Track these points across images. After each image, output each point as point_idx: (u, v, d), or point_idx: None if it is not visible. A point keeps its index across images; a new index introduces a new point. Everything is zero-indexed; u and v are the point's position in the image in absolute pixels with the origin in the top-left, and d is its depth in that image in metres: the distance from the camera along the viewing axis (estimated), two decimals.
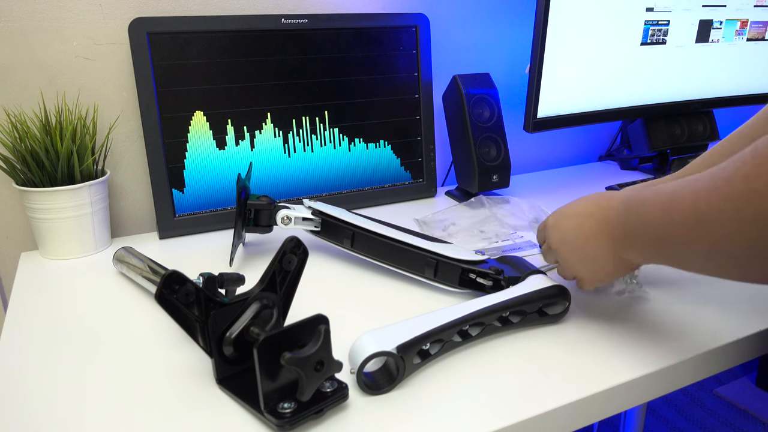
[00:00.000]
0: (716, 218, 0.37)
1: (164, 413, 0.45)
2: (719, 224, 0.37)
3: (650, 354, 0.52)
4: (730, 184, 0.37)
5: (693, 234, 0.40)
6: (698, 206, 0.39)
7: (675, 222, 0.41)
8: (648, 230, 0.45)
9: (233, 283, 0.58)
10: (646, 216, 0.45)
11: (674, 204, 0.42)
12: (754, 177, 0.35)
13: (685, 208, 0.40)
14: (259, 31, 0.85)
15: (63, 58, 0.80)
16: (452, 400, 0.46)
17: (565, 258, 0.56)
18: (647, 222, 0.45)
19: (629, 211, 0.48)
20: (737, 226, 0.36)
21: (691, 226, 0.40)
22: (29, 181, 0.74)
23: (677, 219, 0.41)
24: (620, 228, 0.49)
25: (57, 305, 0.64)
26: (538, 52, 0.93)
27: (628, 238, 0.48)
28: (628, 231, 0.48)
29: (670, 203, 0.42)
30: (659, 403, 1.64)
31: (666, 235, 0.43)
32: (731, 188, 0.36)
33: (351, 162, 0.94)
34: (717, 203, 0.37)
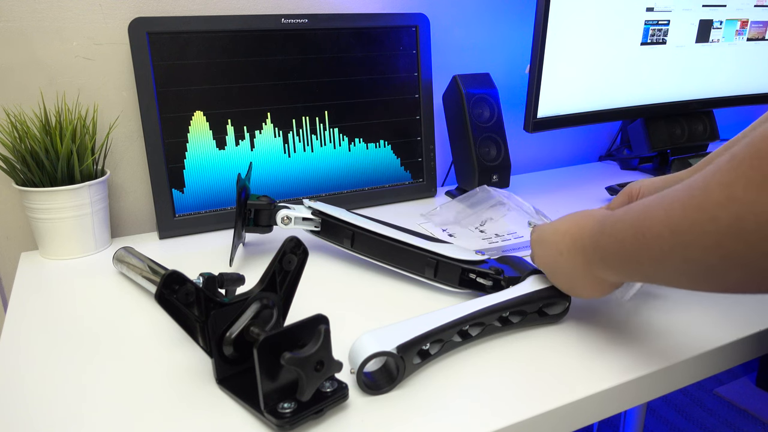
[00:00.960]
0: (690, 230, 0.36)
1: (164, 413, 0.45)
2: (694, 236, 0.36)
3: (650, 354, 0.52)
4: (705, 192, 0.35)
5: (666, 249, 0.39)
6: (671, 220, 0.38)
7: (647, 238, 0.40)
8: (620, 248, 0.44)
9: (233, 283, 0.58)
10: (618, 234, 0.44)
11: (646, 220, 0.41)
12: (730, 183, 0.33)
13: (657, 223, 0.39)
14: (259, 31, 0.85)
15: (63, 58, 0.80)
16: (452, 400, 0.46)
17: (546, 269, 0.56)
18: (619, 240, 0.44)
19: (602, 230, 0.47)
20: (713, 237, 0.35)
21: (665, 241, 0.39)
22: (29, 181, 0.74)
23: (650, 235, 0.40)
24: (592, 247, 0.48)
25: (57, 305, 0.64)
26: (538, 52, 0.93)
27: (600, 258, 0.47)
28: (601, 250, 0.47)
29: (642, 219, 0.41)
30: (659, 403, 1.64)
31: (638, 253, 0.42)
32: (706, 196, 0.35)
33: (351, 162, 0.94)
34: (692, 214, 0.36)
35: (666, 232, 0.38)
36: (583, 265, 0.50)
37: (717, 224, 0.34)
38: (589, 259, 0.49)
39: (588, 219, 0.51)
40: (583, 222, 0.51)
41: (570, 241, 0.51)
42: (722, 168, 0.35)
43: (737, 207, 0.33)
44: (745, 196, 0.33)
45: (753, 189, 0.32)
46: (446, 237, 0.81)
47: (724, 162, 0.35)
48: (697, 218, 0.36)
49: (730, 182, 0.34)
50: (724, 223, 0.34)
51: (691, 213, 0.36)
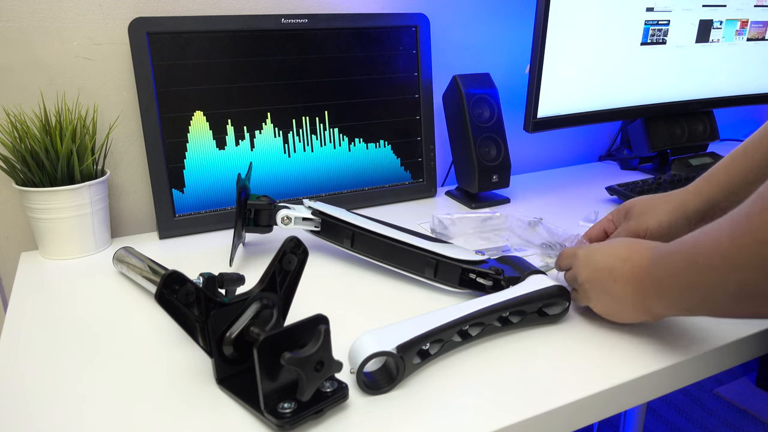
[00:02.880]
0: (742, 256, 0.38)
1: (164, 413, 0.45)
2: (746, 262, 0.38)
3: (650, 354, 0.52)
4: (748, 219, 0.38)
5: (719, 277, 0.40)
6: (721, 246, 0.40)
7: (700, 267, 0.42)
8: (674, 280, 0.45)
9: (233, 283, 0.58)
10: (672, 266, 0.46)
11: (697, 248, 0.42)
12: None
13: (708, 252, 0.41)
14: (259, 31, 0.85)
15: (63, 58, 0.80)
16: (452, 400, 0.46)
17: (589, 291, 0.55)
18: (674, 272, 0.45)
19: (658, 261, 0.48)
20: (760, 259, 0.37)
21: (717, 269, 0.40)
22: (29, 181, 0.74)
23: (702, 264, 0.42)
24: (649, 278, 0.49)
25: (57, 305, 0.64)
26: (538, 52, 0.93)
27: (656, 288, 0.48)
28: (656, 281, 0.48)
29: (693, 248, 0.43)
30: (659, 403, 1.63)
31: (692, 283, 0.43)
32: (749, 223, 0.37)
33: (351, 162, 0.94)
34: (739, 240, 0.38)
35: (717, 259, 0.40)
36: (635, 294, 0.50)
37: (763, 246, 0.36)
38: (644, 289, 0.49)
39: (644, 249, 0.51)
40: (641, 252, 0.51)
41: (629, 269, 0.51)
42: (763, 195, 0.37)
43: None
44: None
45: None
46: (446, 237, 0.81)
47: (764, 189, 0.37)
48: (744, 243, 0.38)
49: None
50: None
51: (739, 239, 0.38)
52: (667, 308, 0.48)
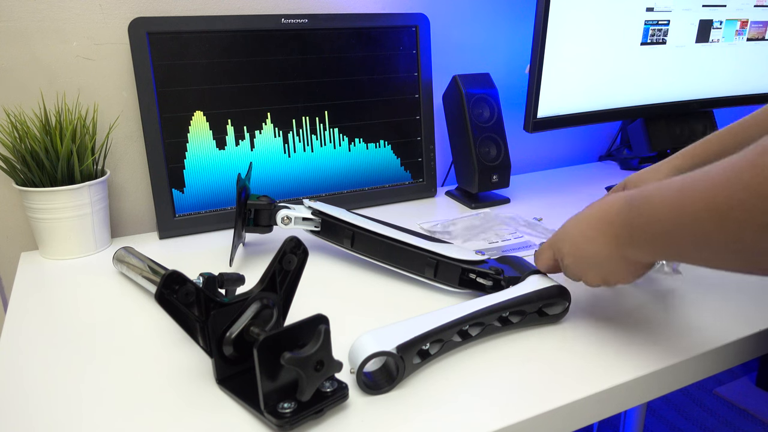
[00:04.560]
0: (737, 209, 0.35)
1: (164, 413, 0.45)
2: (741, 215, 0.35)
3: (650, 354, 0.52)
4: (754, 170, 0.34)
5: (709, 229, 0.38)
6: (715, 199, 0.37)
7: (687, 217, 0.39)
8: (655, 227, 0.43)
9: (233, 283, 0.58)
10: (652, 213, 0.43)
11: (685, 199, 0.40)
12: None
13: (698, 203, 0.38)
14: (259, 31, 0.85)
15: (63, 58, 0.80)
16: (452, 400, 0.46)
17: (574, 266, 0.54)
18: (654, 219, 0.43)
19: (632, 209, 0.46)
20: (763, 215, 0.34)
21: (706, 221, 0.38)
22: (29, 181, 0.74)
23: (690, 213, 0.39)
24: (623, 227, 0.47)
25: (57, 305, 0.64)
26: (538, 52, 0.93)
27: (632, 237, 0.46)
28: (633, 229, 0.46)
29: (680, 198, 0.40)
30: (659, 403, 1.64)
31: (676, 232, 0.41)
32: (754, 174, 0.34)
33: (351, 162, 0.94)
34: (738, 194, 0.35)
35: (707, 212, 0.37)
36: (615, 248, 0.48)
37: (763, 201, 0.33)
38: (621, 241, 0.47)
39: (614, 201, 0.49)
40: (608, 205, 0.49)
41: (597, 224, 0.50)
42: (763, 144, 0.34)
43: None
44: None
45: None
46: (446, 237, 0.81)
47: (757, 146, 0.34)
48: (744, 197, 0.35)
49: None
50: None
51: (738, 193, 0.35)
52: (647, 256, 0.46)
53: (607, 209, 0.50)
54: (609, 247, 0.49)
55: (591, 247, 0.51)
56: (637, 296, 0.63)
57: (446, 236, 0.80)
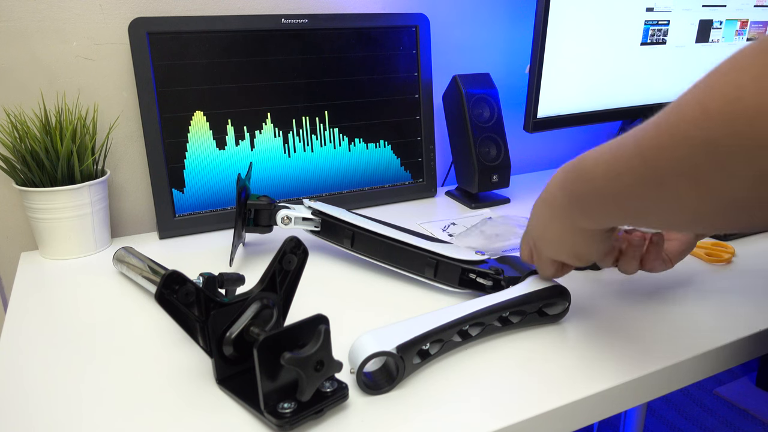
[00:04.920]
0: (663, 156, 0.33)
1: (164, 413, 0.45)
2: (666, 161, 0.33)
3: (650, 354, 0.52)
4: (679, 112, 0.32)
5: (642, 180, 0.35)
6: (644, 148, 0.35)
7: (621, 168, 0.37)
8: (593, 188, 0.41)
9: (233, 283, 0.58)
10: (588, 175, 0.42)
11: (617, 152, 0.38)
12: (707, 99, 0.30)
13: (629, 152, 0.36)
14: (259, 31, 0.85)
15: (63, 58, 0.80)
16: (452, 400, 0.46)
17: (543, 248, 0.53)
18: (590, 178, 0.41)
19: (570, 176, 0.45)
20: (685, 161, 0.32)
21: (638, 168, 0.35)
22: (29, 181, 0.74)
23: (623, 164, 0.37)
24: (566, 196, 0.46)
25: (57, 305, 0.64)
26: (538, 52, 0.93)
27: (576, 204, 0.45)
28: (574, 196, 0.44)
29: (612, 153, 0.39)
30: (659, 403, 1.64)
31: (612, 188, 0.39)
32: (679, 116, 0.32)
33: (351, 162, 0.94)
34: (664, 139, 0.33)
35: (638, 160, 0.35)
36: (567, 220, 0.47)
37: (690, 143, 0.31)
38: (569, 211, 0.46)
39: (557, 173, 0.48)
40: (553, 177, 0.48)
41: (547, 202, 0.49)
42: (698, 88, 0.31)
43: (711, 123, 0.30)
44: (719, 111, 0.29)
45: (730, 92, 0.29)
46: (446, 237, 0.81)
47: (700, 82, 0.31)
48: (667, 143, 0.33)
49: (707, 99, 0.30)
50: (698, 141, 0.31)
51: (663, 138, 0.33)
52: (593, 222, 0.45)
53: (551, 184, 0.48)
54: (561, 221, 0.48)
55: (549, 227, 0.50)
56: (637, 296, 0.63)
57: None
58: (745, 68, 0.29)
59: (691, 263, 0.71)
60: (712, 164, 0.30)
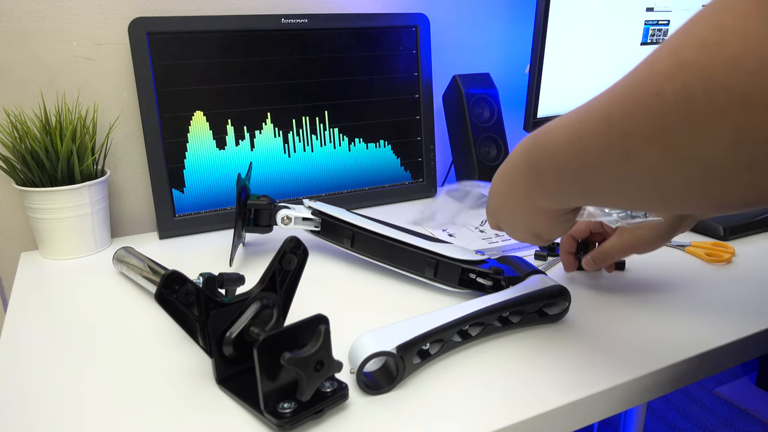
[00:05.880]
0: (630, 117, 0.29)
1: (164, 413, 0.45)
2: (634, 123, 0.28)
3: (650, 354, 0.52)
4: (650, 63, 0.28)
5: (605, 146, 0.31)
6: (610, 110, 0.30)
7: (582, 137, 0.32)
8: (555, 161, 0.36)
9: (233, 283, 0.58)
10: (550, 142, 0.37)
11: (582, 115, 0.33)
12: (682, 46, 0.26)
13: (594, 119, 0.32)
14: (259, 31, 0.85)
15: (63, 58, 0.80)
16: (452, 400, 0.46)
17: (504, 223, 0.49)
18: (552, 147, 0.36)
19: (534, 147, 0.39)
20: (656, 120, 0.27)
21: (603, 138, 0.31)
22: (29, 181, 0.74)
23: (587, 135, 0.32)
24: (529, 169, 0.40)
25: (57, 305, 0.64)
26: (538, 51, 0.93)
27: (538, 179, 0.40)
28: (538, 170, 0.39)
29: (577, 117, 0.34)
30: (659, 403, 1.64)
31: (575, 162, 0.34)
32: (651, 68, 0.28)
33: (351, 162, 0.94)
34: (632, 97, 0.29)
35: (604, 125, 0.31)
36: (526, 196, 0.42)
37: (662, 98, 0.27)
38: (530, 185, 0.41)
39: (520, 143, 0.42)
40: (516, 148, 0.43)
41: (507, 173, 0.44)
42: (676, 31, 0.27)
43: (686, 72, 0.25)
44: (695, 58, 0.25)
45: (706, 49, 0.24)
46: (446, 237, 0.81)
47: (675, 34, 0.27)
48: (637, 97, 0.28)
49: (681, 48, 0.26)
50: (670, 95, 0.26)
51: (632, 92, 0.29)
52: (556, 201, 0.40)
53: (513, 154, 0.43)
54: (521, 196, 0.43)
55: (507, 200, 0.46)
56: (637, 296, 0.63)
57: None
58: (731, 8, 0.24)
59: (691, 263, 0.71)
60: (684, 123, 0.26)
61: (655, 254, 0.74)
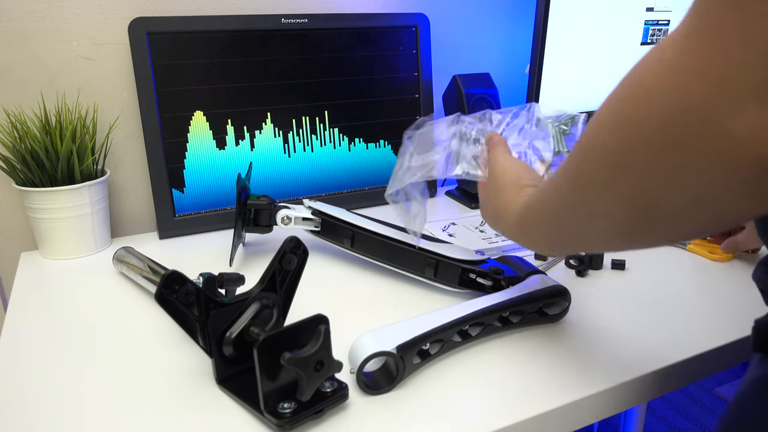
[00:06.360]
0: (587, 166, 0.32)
1: (164, 413, 0.45)
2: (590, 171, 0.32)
3: (650, 353, 0.52)
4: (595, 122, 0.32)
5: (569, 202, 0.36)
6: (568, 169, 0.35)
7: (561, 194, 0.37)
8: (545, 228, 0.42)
9: (233, 283, 0.58)
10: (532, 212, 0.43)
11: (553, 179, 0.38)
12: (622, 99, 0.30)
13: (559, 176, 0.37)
14: (259, 31, 0.85)
15: (63, 58, 0.80)
16: (452, 400, 0.46)
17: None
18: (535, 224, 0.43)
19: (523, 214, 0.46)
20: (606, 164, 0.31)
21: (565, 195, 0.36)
22: (29, 181, 0.74)
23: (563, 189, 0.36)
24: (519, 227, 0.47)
25: (57, 305, 0.64)
26: (538, 51, 0.93)
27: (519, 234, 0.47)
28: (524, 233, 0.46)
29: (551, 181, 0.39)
30: (659, 403, 1.64)
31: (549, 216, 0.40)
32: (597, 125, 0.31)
33: (351, 162, 0.94)
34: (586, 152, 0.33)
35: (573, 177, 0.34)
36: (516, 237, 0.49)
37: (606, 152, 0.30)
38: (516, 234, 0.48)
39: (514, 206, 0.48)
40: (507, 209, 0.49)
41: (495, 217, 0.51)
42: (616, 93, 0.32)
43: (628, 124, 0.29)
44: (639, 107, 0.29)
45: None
46: (446, 237, 0.81)
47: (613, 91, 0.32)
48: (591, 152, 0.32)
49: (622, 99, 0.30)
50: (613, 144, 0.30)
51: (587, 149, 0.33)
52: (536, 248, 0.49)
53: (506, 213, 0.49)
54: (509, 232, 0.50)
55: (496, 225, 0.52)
56: (637, 296, 0.63)
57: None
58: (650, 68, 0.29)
59: (691, 263, 0.71)
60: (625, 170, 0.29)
61: (656, 254, 0.74)
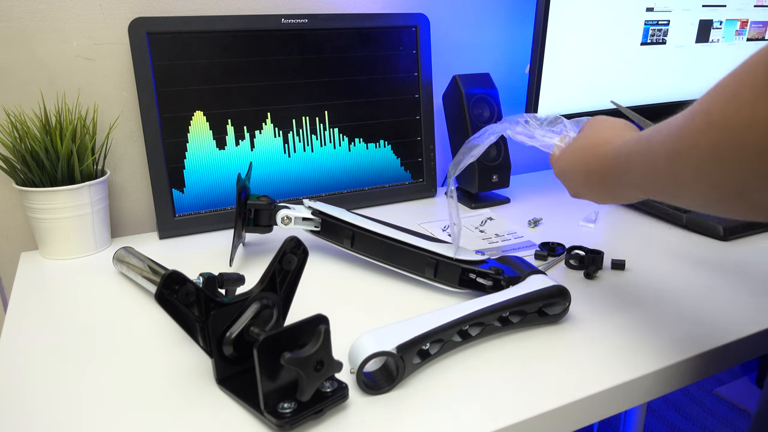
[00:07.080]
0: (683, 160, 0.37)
1: (164, 413, 0.45)
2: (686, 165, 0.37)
3: (650, 354, 0.52)
4: (692, 120, 0.36)
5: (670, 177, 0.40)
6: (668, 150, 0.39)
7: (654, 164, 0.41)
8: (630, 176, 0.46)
9: (233, 283, 0.58)
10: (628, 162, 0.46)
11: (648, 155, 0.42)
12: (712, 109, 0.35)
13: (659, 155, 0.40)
14: (259, 31, 0.85)
15: (63, 58, 0.80)
16: (452, 400, 0.46)
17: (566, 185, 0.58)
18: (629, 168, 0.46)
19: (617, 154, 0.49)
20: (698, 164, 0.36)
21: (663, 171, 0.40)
22: (29, 181, 0.74)
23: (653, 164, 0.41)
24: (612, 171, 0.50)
25: (57, 305, 0.64)
26: (538, 51, 0.93)
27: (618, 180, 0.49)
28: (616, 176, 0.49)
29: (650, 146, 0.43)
30: (659, 403, 1.64)
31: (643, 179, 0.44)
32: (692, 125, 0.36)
33: (351, 162, 0.94)
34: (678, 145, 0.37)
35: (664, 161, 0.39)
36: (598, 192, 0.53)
37: (699, 151, 0.35)
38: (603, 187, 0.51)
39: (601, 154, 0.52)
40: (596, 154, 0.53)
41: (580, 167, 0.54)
42: (705, 95, 0.36)
43: (714, 132, 0.34)
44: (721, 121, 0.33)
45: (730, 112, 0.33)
46: (446, 237, 0.81)
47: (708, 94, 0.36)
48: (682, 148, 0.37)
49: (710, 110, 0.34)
50: (705, 149, 0.35)
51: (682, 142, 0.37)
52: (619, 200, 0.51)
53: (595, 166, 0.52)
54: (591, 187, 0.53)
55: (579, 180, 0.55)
56: (636, 296, 0.63)
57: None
58: (743, 81, 0.34)
59: (691, 264, 0.71)
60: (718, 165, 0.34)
61: (656, 254, 0.74)
